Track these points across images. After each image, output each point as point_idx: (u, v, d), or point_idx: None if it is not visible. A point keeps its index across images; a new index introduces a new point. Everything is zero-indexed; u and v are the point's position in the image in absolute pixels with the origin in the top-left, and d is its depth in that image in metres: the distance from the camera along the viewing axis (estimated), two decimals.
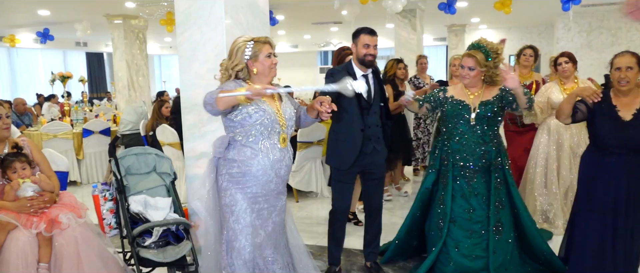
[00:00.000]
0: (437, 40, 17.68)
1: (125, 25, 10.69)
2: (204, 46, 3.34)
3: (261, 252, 2.74)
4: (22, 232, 2.79)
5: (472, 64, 3.33)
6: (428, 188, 3.60)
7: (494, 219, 3.39)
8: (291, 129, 2.79)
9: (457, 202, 3.46)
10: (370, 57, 3.27)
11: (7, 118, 3.08)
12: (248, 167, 2.65)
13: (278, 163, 2.71)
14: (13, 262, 2.73)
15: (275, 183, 2.73)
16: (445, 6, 9.18)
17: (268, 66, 2.68)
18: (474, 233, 3.42)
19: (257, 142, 2.65)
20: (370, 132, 3.33)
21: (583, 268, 3.14)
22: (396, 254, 3.78)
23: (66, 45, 16.42)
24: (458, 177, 3.45)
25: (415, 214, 3.69)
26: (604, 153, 3.01)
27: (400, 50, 10.41)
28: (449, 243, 3.45)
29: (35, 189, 2.95)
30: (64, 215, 2.91)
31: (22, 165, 2.94)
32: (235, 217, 2.69)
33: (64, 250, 2.86)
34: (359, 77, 3.29)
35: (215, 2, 3.32)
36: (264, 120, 2.63)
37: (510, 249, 3.43)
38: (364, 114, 3.31)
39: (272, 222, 2.79)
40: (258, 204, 2.71)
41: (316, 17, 12.57)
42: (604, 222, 3.02)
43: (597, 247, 3.05)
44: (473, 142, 3.38)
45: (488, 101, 3.36)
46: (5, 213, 2.79)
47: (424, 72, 6.31)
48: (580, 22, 12.54)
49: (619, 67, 2.93)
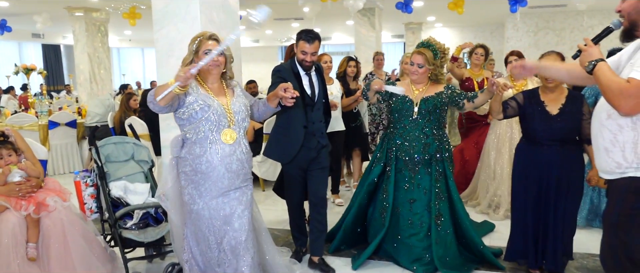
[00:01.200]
0: (395, 37, 18.25)
1: (87, 17, 10.65)
2: (181, 42, 3.56)
3: (224, 247, 2.75)
4: (12, 213, 2.99)
5: (421, 61, 3.48)
6: (374, 180, 3.70)
7: (435, 210, 3.52)
8: (243, 123, 2.77)
9: (400, 193, 3.58)
10: (307, 63, 3.35)
11: None
12: (198, 164, 2.66)
13: (227, 159, 2.68)
14: (4, 242, 2.92)
15: (228, 179, 2.71)
16: (402, 5, 9.59)
17: (208, 63, 2.65)
18: (414, 224, 3.55)
19: (206, 138, 2.65)
20: (314, 128, 3.41)
21: (518, 249, 3.39)
22: (343, 242, 3.89)
23: (22, 37, 16.04)
24: (402, 168, 3.58)
25: (361, 204, 3.79)
26: (535, 145, 3.24)
27: (360, 47, 10.82)
28: (391, 232, 3.61)
29: (22, 175, 3.15)
30: (50, 198, 3.12)
31: (8, 152, 3.13)
32: (195, 214, 2.73)
33: (51, 231, 3.06)
34: (303, 75, 3.42)
35: (191, 2, 3.56)
36: (209, 115, 2.63)
37: (449, 240, 3.57)
38: (308, 110, 3.38)
39: (236, 216, 2.77)
40: (215, 201, 2.71)
41: (278, 13, 12.81)
42: (536, 208, 3.26)
43: (531, 230, 3.29)
44: (415, 135, 3.51)
45: (430, 97, 3.50)
46: None
47: (380, 68, 6.42)
48: (528, 22, 13.31)
49: None
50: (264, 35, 18.76)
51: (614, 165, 2.14)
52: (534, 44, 13.28)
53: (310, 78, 3.44)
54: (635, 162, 2.08)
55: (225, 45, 2.52)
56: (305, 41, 3.31)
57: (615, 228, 2.16)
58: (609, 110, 2.13)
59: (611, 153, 2.15)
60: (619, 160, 2.12)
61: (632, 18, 2.13)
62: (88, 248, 3.21)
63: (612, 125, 2.13)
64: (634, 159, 2.08)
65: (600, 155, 2.22)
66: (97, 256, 3.25)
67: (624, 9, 2.15)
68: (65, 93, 14.02)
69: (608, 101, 2.08)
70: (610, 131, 2.14)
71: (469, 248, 3.65)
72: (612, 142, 2.14)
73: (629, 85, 1.96)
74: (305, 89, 3.39)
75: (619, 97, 1.99)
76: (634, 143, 2.07)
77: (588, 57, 2.13)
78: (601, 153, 2.21)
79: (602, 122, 2.18)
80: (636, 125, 2.07)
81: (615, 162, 2.13)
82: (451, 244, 3.57)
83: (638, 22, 2.12)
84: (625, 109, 2.00)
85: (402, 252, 3.59)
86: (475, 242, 3.59)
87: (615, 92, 2.00)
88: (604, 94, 2.09)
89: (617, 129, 2.12)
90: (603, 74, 2.06)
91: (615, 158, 2.13)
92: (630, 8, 2.12)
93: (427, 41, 3.58)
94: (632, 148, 2.08)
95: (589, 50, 2.14)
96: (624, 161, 2.10)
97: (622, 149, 2.10)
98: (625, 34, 2.18)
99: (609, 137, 2.15)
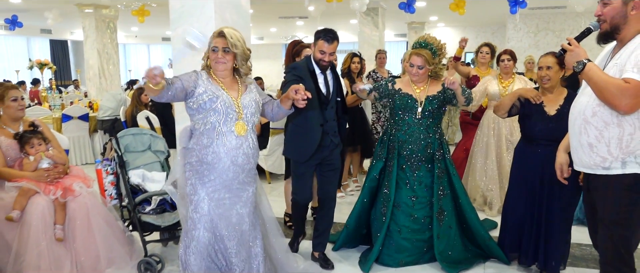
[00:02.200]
0: (397, 36, 18.47)
1: (96, 14, 10.86)
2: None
3: (222, 243, 2.75)
4: (41, 197, 3.25)
5: (421, 63, 3.48)
6: (376, 175, 3.71)
7: (437, 206, 3.55)
8: (252, 118, 2.77)
9: (401, 189, 3.60)
10: (324, 63, 3.35)
11: (22, 100, 3.52)
12: (204, 155, 2.67)
13: (233, 151, 2.68)
14: (34, 223, 3.19)
15: (233, 172, 2.71)
16: (405, 5, 9.81)
17: (213, 60, 2.70)
18: (416, 219, 3.58)
19: (213, 129, 2.66)
20: (327, 127, 3.41)
21: (512, 243, 3.52)
22: (346, 242, 3.90)
23: (30, 32, 16.28)
24: (403, 165, 3.60)
25: (364, 201, 3.78)
26: (533, 144, 3.30)
27: (364, 46, 11.03)
28: (393, 228, 3.60)
29: (50, 162, 3.41)
30: (76, 184, 3.39)
31: (38, 141, 3.39)
32: (194, 206, 2.71)
33: (76, 214, 3.33)
34: (319, 73, 3.43)
35: (206, 2, 3.80)
36: (217, 106, 2.64)
37: (453, 235, 3.60)
38: (323, 108, 3.38)
39: (237, 212, 2.77)
40: (218, 193, 2.71)
41: (284, 11, 13.03)
42: (531, 203, 3.33)
43: (527, 226, 3.37)
44: (418, 133, 3.54)
45: (433, 96, 3.54)
46: (27, 182, 3.25)
47: (382, 66, 6.45)
48: (528, 23, 13.50)
49: (540, 67, 3.31)
50: (268, 33, 18.99)
51: (599, 160, 2.27)
52: (535, 45, 13.49)
53: (325, 77, 3.44)
54: (620, 157, 2.22)
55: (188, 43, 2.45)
56: (324, 41, 3.29)
57: (616, 225, 2.29)
58: (594, 108, 2.26)
59: (596, 148, 2.27)
60: (604, 154, 2.25)
61: (615, 22, 2.25)
62: (110, 231, 3.47)
63: (598, 122, 2.25)
64: (619, 154, 2.22)
65: (583, 151, 2.33)
66: (117, 238, 3.51)
67: (606, 14, 2.26)
68: (73, 88, 14.26)
69: (604, 100, 2.19)
70: (596, 128, 2.26)
71: (476, 242, 3.69)
72: (597, 138, 2.26)
73: (629, 85, 2.10)
74: (320, 88, 3.40)
75: (619, 97, 2.12)
76: (618, 139, 2.21)
77: (575, 57, 2.25)
78: (585, 149, 2.32)
79: (587, 120, 2.29)
80: (621, 122, 2.21)
81: (600, 156, 2.26)
82: (455, 239, 3.61)
83: (620, 26, 2.25)
84: (625, 107, 2.13)
85: (401, 246, 3.61)
86: (482, 236, 3.64)
87: (615, 93, 2.13)
88: (599, 93, 2.20)
89: (603, 125, 2.24)
90: (595, 74, 2.19)
91: (601, 153, 2.25)
92: (614, 12, 2.24)
93: (423, 40, 3.58)
94: (617, 144, 2.22)
95: (576, 51, 2.25)
96: (609, 155, 2.23)
97: (608, 145, 2.23)
98: (603, 36, 2.32)
99: (595, 134, 2.26)
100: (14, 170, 3.33)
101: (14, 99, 3.44)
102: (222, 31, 2.68)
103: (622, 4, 2.23)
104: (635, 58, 2.14)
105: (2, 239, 3.20)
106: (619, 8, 2.24)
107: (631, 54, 2.18)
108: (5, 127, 3.44)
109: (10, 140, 3.39)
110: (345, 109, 3.65)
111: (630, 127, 2.21)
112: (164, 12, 11.40)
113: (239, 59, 2.73)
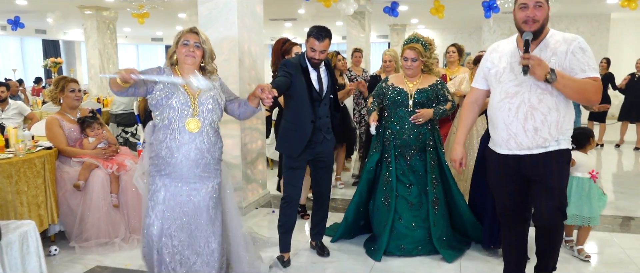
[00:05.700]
0: (380, 37, 19.30)
1: (97, 15, 11.44)
2: (221, 42, 4.53)
3: (176, 233, 2.78)
4: (101, 170, 3.94)
5: (414, 55, 3.63)
6: (372, 167, 3.84)
7: (431, 194, 3.67)
8: (209, 114, 2.78)
9: (398, 179, 3.73)
10: (315, 60, 3.34)
11: (79, 92, 4.20)
12: (159, 150, 2.73)
13: (185, 147, 2.72)
14: (95, 191, 3.88)
15: (187, 167, 2.74)
16: (389, 10, 10.62)
17: (183, 53, 2.75)
18: (413, 206, 3.69)
19: (169, 125, 2.71)
20: (320, 123, 3.40)
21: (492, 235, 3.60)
22: (345, 233, 3.97)
23: (24, 32, 16.60)
24: (398, 156, 3.74)
25: (362, 192, 3.88)
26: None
27: (351, 47, 11.77)
28: (394, 217, 3.70)
29: (105, 143, 4.11)
30: (128, 160, 4.09)
31: (98, 125, 4.10)
32: (151, 194, 2.79)
33: (127, 185, 4.02)
34: (311, 70, 3.41)
35: (230, 10, 4.52)
36: (172, 102, 2.69)
37: (445, 221, 3.73)
38: (316, 105, 3.38)
39: (193, 205, 2.80)
40: (174, 186, 2.77)
41: (274, 13, 13.67)
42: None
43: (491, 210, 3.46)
44: (410, 125, 3.67)
45: (424, 89, 3.68)
46: (89, 158, 3.95)
47: (357, 65, 6.60)
48: (502, 26, 14.41)
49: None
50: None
51: (541, 141, 2.52)
52: None
53: (319, 73, 3.44)
54: (556, 136, 2.53)
55: (192, 83, 2.59)
56: (315, 38, 3.27)
57: (562, 193, 2.58)
58: (540, 96, 2.49)
59: (540, 131, 2.51)
60: (546, 136, 2.52)
61: (544, 23, 2.49)
62: None
63: (543, 107, 2.50)
64: (556, 134, 2.53)
65: (527, 135, 2.53)
66: None
67: (540, 15, 2.46)
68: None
69: (581, 98, 2.47)
70: (542, 113, 2.50)
71: (464, 228, 3.81)
72: (542, 122, 2.50)
73: (598, 83, 2.43)
74: (313, 84, 3.40)
75: (595, 94, 2.43)
76: (556, 122, 2.51)
77: (544, 69, 2.35)
78: (529, 133, 2.53)
79: (534, 106, 2.50)
80: (559, 108, 2.50)
81: (542, 138, 2.52)
82: (446, 226, 3.75)
83: (545, 25, 2.52)
84: (598, 101, 2.48)
85: (400, 233, 3.68)
86: (472, 220, 3.76)
87: (593, 90, 2.42)
88: (576, 93, 2.44)
89: (547, 110, 2.49)
90: (570, 79, 2.41)
91: (543, 135, 2.52)
92: (545, 14, 2.48)
93: (414, 36, 3.79)
94: (555, 126, 2.51)
95: (541, 63, 2.36)
96: (549, 136, 2.52)
97: (549, 127, 2.51)
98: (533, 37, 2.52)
99: (540, 118, 2.50)
100: (77, 149, 4.02)
101: (72, 90, 4.12)
102: (194, 28, 2.82)
103: (547, 7, 2.50)
104: (584, 59, 2.44)
105: (67, 206, 3.88)
106: (547, 11, 2.50)
107: (569, 54, 2.44)
108: (66, 114, 4.13)
109: (72, 124, 4.08)
110: (338, 106, 3.66)
111: (564, 111, 2.54)
112: (158, 13, 12.00)
113: (206, 56, 2.84)
